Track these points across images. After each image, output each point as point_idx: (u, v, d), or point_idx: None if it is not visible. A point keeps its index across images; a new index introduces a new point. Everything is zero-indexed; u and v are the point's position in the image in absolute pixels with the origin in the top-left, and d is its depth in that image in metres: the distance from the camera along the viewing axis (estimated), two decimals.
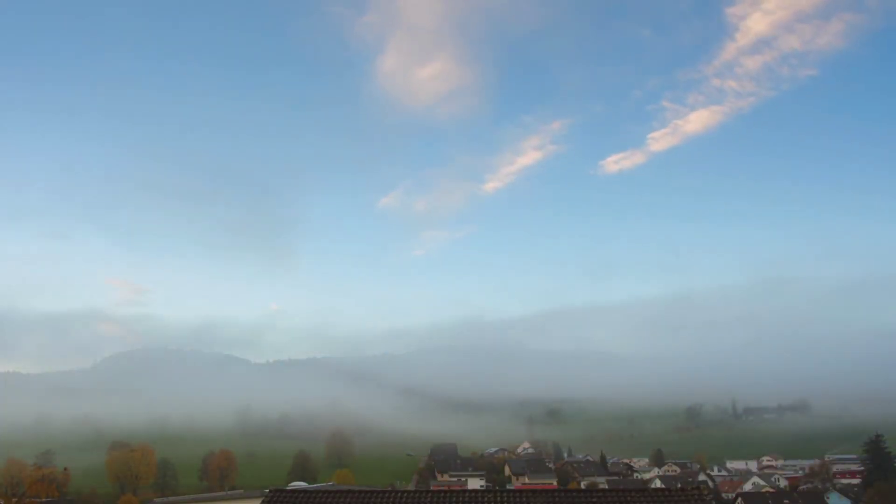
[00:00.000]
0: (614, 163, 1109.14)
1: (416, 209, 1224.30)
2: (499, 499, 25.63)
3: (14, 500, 24.79)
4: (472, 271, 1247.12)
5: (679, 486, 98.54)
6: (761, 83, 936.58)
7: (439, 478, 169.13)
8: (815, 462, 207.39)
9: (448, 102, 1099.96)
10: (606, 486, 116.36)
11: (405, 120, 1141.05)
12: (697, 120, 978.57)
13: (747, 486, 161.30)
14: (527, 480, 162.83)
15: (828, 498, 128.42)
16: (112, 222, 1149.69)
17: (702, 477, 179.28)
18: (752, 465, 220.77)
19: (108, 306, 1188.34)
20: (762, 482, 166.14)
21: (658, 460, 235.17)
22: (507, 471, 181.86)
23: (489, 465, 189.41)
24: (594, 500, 25.78)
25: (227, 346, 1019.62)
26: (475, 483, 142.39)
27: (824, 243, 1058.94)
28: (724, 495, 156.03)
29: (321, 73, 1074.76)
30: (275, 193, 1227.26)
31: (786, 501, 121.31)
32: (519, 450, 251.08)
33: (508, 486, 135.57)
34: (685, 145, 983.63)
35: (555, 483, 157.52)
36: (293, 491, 28.63)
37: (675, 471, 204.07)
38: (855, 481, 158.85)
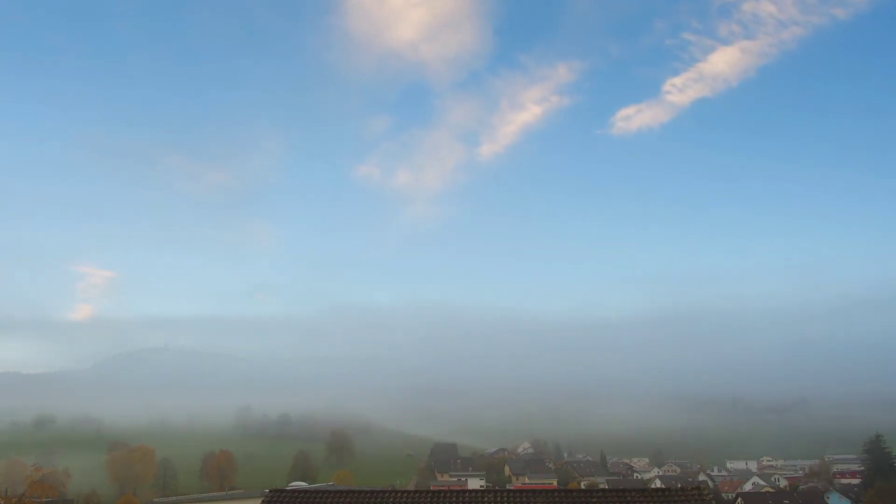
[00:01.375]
0: (629, 119, 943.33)
1: (398, 180, 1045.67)
2: (499, 499, 25.61)
3: (14, 500, 24.80)
4: (466, 256, 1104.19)
5: (679, 486, 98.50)
6: (809, 8, 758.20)
7: (439, 478, 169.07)
8: (815, 462, 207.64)
9: (433, 38, 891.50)
10: (606, 486, 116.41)
11: (382, 62, 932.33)
12: (728, 62, 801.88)
13: (747, 486, 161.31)
14: (527, 480, 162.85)
15: (828, 498, 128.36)
16: (70, 202, 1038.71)
17: (702, 477, 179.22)
18: (752, 465, 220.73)
19: (81, 295, 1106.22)
20: (762, 482, 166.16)
21: (658, 460, 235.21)
22: (507, 471, 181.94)
23: (489, 465, 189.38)
24: (594, 500, 25.75)
25: (225, 345, 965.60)
26: (475, 483, 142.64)
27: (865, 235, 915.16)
28: (724, 495, 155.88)
29: (277, 4, 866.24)
30: (241, 164, 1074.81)
31: (786, 501, 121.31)
32: (519, 450, 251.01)
33: (508, 486, 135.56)
34: (714, 98, 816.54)
35: (555, 483, 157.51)
36: (293, 491, 28.60)
37: (675, 471, 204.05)
38: (855, 481, 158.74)
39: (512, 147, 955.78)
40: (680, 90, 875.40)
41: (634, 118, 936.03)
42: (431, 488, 50.04)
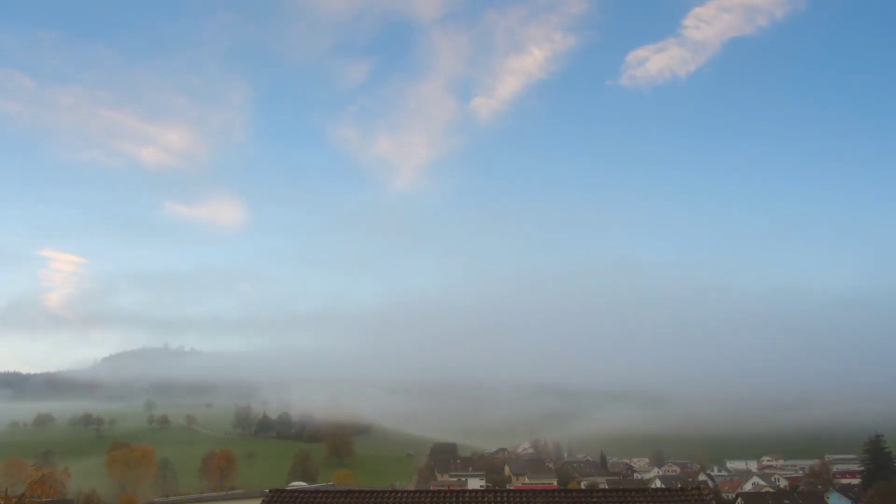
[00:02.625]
0: (643, 64, 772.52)
1: (380, 146, 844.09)
2: (499, 499, 25.62)
3: (14, 499, 24.81)
4: (463, 241, 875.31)
5: (679, 486, 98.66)
6: None
7: (439, 478, 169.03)
8: (815, 462, 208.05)
9: None
10: (606, 486, 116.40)
11: None
12: None
13: (747, 486, 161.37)
14: (527, 480, 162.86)
15: (828, 498, 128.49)
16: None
17: (702, 477, 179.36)
18: (752, 465, 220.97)
19: (45, 283, 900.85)
20: (762, 482, 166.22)
21: (658, 460, 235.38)
22: (507, 471, 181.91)
23: (489, 465, 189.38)
24: (594, 500, 25.76)
25: (224, 344, 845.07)
26: (475, 483, 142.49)
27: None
28: (724, 495, 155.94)
29: None
30: (203, 122, 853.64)
31: (786, 501, 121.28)
32: (519, 450, 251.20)
33: (508, 486, 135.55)
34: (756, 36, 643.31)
35: (555, 483, 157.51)
36: (293, 491, 28.63)
37: (675, 471, 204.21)
38: (855, 481, 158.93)
39: (511, 103, 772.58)
40: (708, 24, 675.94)
41: (651, 61, 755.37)
42: (431, 488, 50.11)
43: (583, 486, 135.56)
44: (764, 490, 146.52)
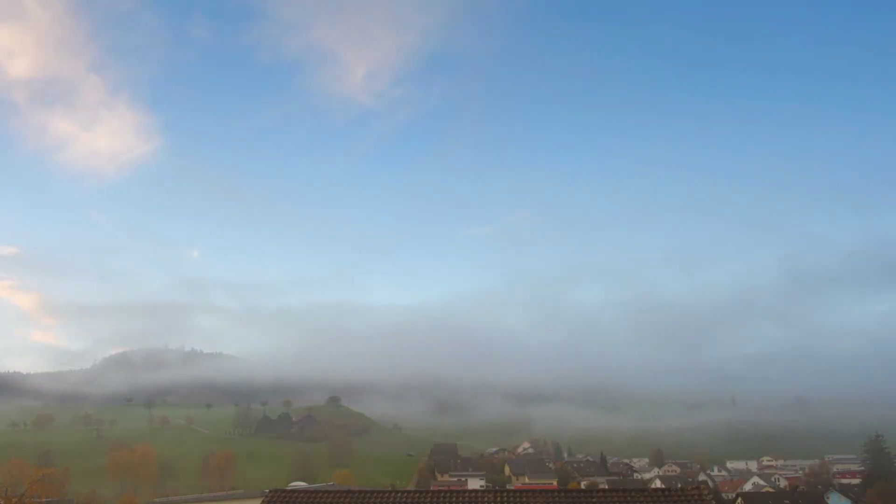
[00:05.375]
0: None
1: (315, 30, 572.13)
2: (499, 499, 25.60)
3: (14, 500, 24.82)
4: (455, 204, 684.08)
5: (679, 486, 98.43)
6: None
7: (439, 478, 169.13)
8: (815, 462, 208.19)
9: None
10: (606, 486, 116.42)
11: None
12: None
13: (747, 486, 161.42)
14: (527, 480, 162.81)
15: (828, 498, 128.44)
16: None
17: (702, 477, 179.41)
18: (752, 465, 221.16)
19: None
20: (762, 482, 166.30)
21: (658, 460, 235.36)
22: (507, 471, 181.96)
23: (489, 465, 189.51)
24: (594, 500, 25.73)
25: (224, 345, 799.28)
26: (475, 483, 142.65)
27: None
28: (724, 495, 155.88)
29: None
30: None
31: (786, 501, 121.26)
32: (519, 450, 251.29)
33: (508, 486, 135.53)
34: None
35: (555, 483, 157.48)
36: (293, 491, 28.62)
37: (675, 471, 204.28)
38: (855, 481, 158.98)
39: None
40: None
41: None
42: (431, 488, 50.13)
43: (583, 486, 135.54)
44: (764, 490, 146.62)
